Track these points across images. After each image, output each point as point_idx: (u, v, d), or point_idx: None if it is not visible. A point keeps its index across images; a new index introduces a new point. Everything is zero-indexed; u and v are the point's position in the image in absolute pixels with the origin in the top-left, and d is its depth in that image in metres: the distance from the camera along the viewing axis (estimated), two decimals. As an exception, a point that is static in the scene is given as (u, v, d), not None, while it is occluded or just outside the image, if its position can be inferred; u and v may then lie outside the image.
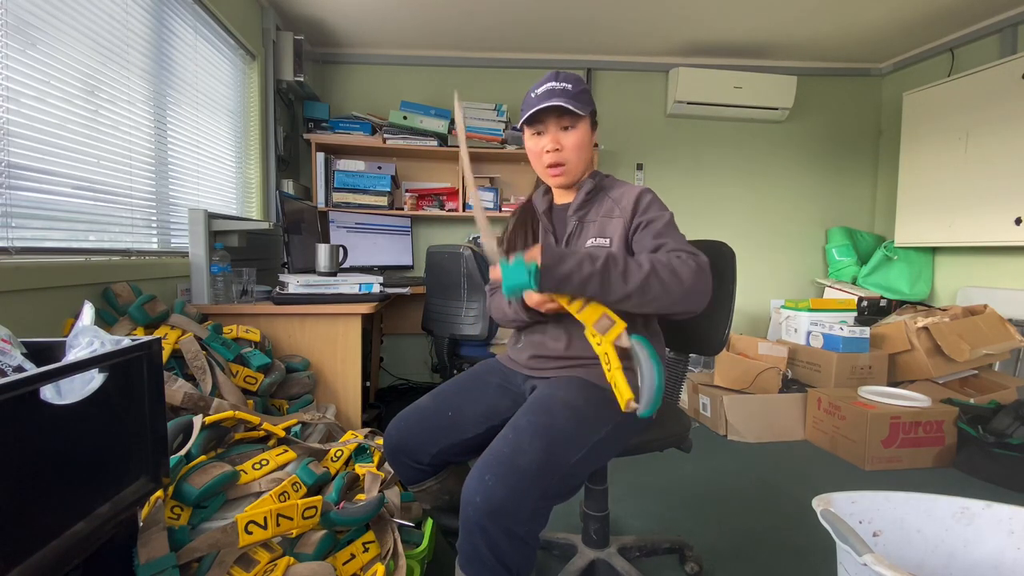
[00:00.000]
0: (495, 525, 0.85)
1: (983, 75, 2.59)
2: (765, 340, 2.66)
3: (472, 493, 0.86)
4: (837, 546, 0.95)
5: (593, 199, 1.12)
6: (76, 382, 0.68)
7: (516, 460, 0.88)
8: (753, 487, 1.92)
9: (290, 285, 1.69)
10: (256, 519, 0.95)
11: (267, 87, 2.58)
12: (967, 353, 2.31)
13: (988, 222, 2.57)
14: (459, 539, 0.89)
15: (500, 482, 0.85)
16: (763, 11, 2.67)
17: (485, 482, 0.86)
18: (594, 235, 1.07)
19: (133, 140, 1.61)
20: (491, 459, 0.89)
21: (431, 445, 1.10)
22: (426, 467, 1.12)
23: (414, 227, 3.22)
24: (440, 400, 1.15)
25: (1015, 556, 1.03)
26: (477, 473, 0.88)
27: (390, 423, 1.15)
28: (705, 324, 1.26)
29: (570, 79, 1.06)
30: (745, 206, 3.45)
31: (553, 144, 1.06)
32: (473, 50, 3.17)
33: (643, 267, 0.90)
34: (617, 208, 1.07)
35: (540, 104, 1.02)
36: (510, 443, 0.90)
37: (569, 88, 1.04)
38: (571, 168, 1.08)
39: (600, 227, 1.07)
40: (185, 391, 1.17)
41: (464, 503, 0.87)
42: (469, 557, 0.89)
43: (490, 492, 0.85)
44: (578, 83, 1.06)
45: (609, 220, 1.07)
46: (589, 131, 1.09)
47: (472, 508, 0.86)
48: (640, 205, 1.05)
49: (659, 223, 1.02)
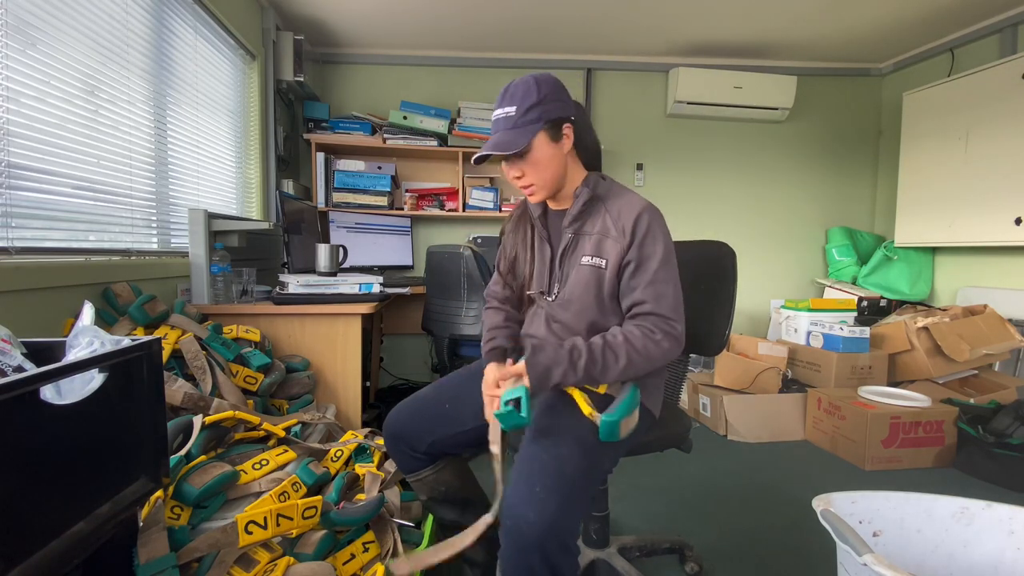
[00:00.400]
0: (553, 541, 0.79)
1: (983, 75, 2.59)
2: (765, 340, 2.66)
3: (522, 508, 0.80)
4: (837, 546, 0.95)
5: (590, 210, 1.07)
6: (76, 382, 0.68)
7: (563, 468, 0.85)
8: (753, 487, 1.92)
9: (290, 285, 1.69)
10: (256, 519, 0.95)
11: (267, 87, 2.58)
12: (967, 353, 2.31)
13: (988, 222, 2.57)
14: (506, 563, 0.83)
15: (552, 493, 0.81)
16: (763, 11, 2.67)
17: (536, 494, 0.81)
18: (590, 252, 1.04)
19: (133, 140, 1.61)
20: (535, 468, 0.85)
21: (428, 434, 1.12)
22: (423, 456, 1.14)
23: (414, 227, 3.22)
24: (440, 391, 1.17)
25: (1015, 556, 1.03)
26: (524, 486, 0.82)
27: (391, 411, 1.17)
28: (705, 325, 1.26)
29: (515, 97, 0.99)
30: (745, 206, 3.45)
31: (516, 172, 1.03)
32: (473, 50, 3.17)
33: (619, 361, 0.96)
34: (615, 228, 1.03)
35: (484, 149, 0.99)
36: (549, 451, 0.87)
37: (513, 114, 0.98)
38: (543, 186, 1.04)
39: (596, 245, 1.04)
40: (185, 391, 1.17)
41: (515, 519, 0.81)
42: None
43: (543, 505, 0.80)
44: (525, 98, 0.98)
45: (605, 239, 1.03)
46: (548, 143, 1.01)
47: (526, 524, 0.79)
48: (638, 232, 1.01)
49: (652, 264, 1.00)
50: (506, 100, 1.00)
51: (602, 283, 1.04)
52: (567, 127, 1.03)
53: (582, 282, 1.04)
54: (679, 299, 1.01)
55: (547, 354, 0.95)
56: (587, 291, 1.04)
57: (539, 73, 1.03)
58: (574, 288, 1.05)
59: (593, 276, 1.04)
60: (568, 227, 1.07)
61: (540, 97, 0.98)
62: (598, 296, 1.04)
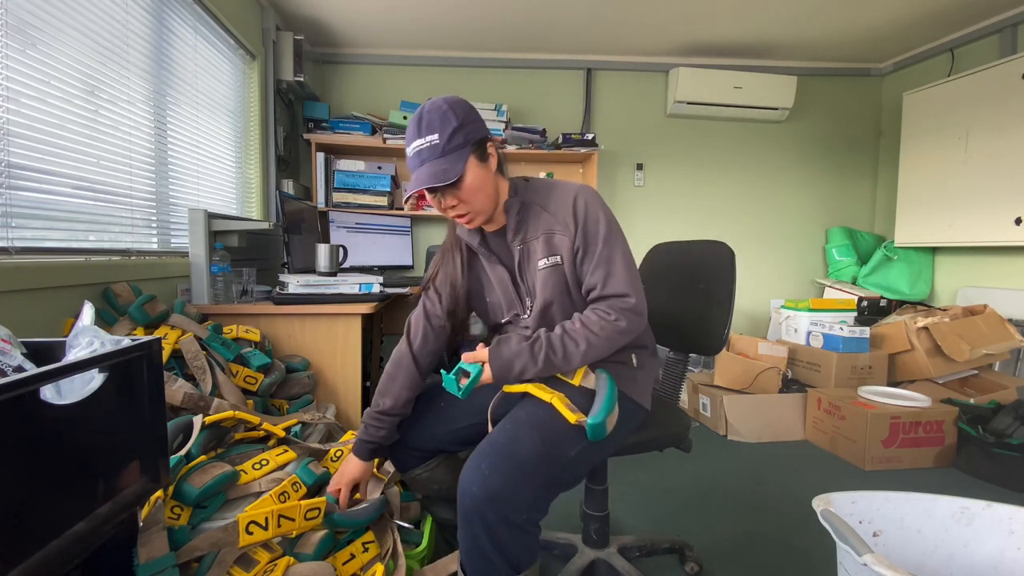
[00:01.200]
0: (493, 512, 0.86)
1: (983, 75, 2.59)
2: (765, 340, 2.66)
3: (468, 483, 0.87)
4: (837, 546, 0.95)
5: (526, 216, 1.05)
6: (76, 382, 0.68)
7: (513, 449, 0.90)
8: (753, 487, 1.92)
9: (290, 285, 1.69)
10: (257, 519, 0.95)
11: (267, 87, 2.58)
12: (967, 353, 2.31)
13: (988, 222, 2.57)
14: (459, 533, 0.91)
15: (497, 471, 0.87)
16: (763, 11, 2.67)
17: (481, 471, 0.87)
18: (543, 255, 1.03)
19: (133, 140, 1.61)
20: (488, 449, 0.91)
21: (423, 430, 1.15)
22: (418, 453, 1.16)
23: (414, 227, 3.22)
24: (434, 389, 1.18)
25: (1015, 556, 1.03)
26: (474, 463, 0.89)
27: None
28: (705, 324, 1.26)
29: (434, 124, 0.93)
30: (745, 206, 3.45)
31: (451, 201, 0.98)
32: (473, 50, 3.17)
33: (580, 346, 0.97)
34: (557, 223, 1.02)
35: (411, 186, 0.95)
36: (508, 434, 0.93)
37: (437, 141, 0.93)
38: (479, 211, 1.00)
39: (546, 245, 1.03)
40: (185, 391, 1.16)
41: (461, 493, 0.88)
42: (469, 549, 0.90)
43: (486, 480, 0.86)
44: (445, 123, 0.93)
45: (552, 236, 1.03)
46: (478, 166, 0.97)
47: (469, 497, 0.86)
48: (578, 217, 1.01)
49: (597, 245, 1.00)
50: (424, 129, 0.94)
51: (565, 279, 1.03)
52: (490, 145, 1.02)
53: (549, 285, 1.03)
54: (631, 271, 1.01)
55: (510, 347, 0.97)
56: (556, 292, 1.04)
57: (446, 96, 0.99)
58: (543, 294, 1.04)
59: (554, 275, 1.03)
60: (514, 240, 1.05)
61: (460, 120, 0.95)
62: (567, 294, 1.04)
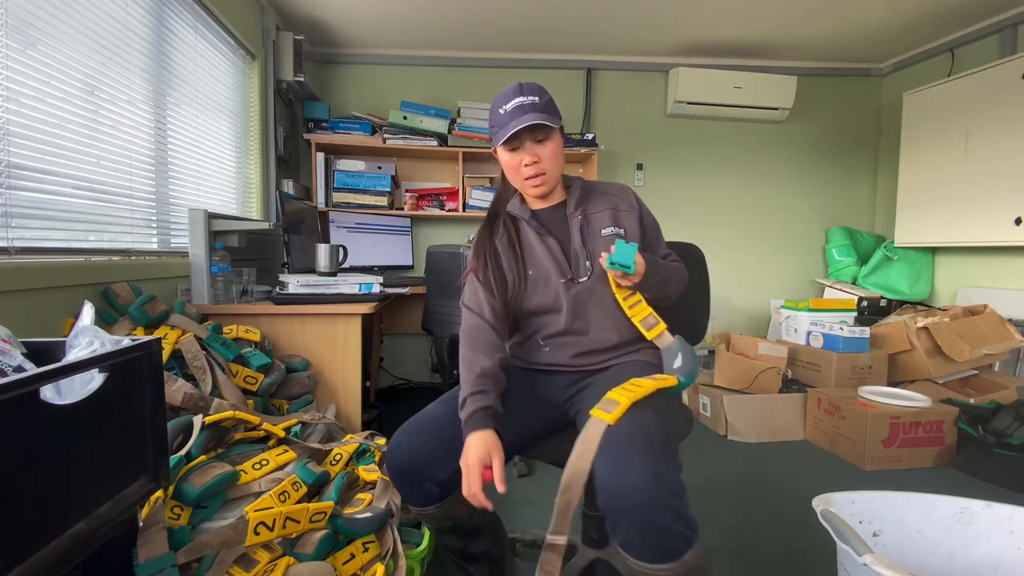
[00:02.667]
0: (671, 497, 0.79)
1: (983, 75, 2.59)
2: (765, 340, 2.66)
3: (632, 478, 0.78)
4: (837, 546, 0.95)
5: (587, 195, 1.18)
6: (76, 382, 0.68)
7: (648, 431, 0.84)
8: (753, 487, 1.92)
9: (290, 285, 1.69)
10: (266, 520, 0.95)
11: (267, 87, 2.58)
12: (967, 353, 2.31)
13: (988, 222, 2.57)
14: (624, 535, 0.81)
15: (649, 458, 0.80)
16: (763, 11, 2.67)
17: (635, 464, 0.79)
18: (608, 224, 1.14)
19: (133, 140, 1.61)
20: (622, 439, 0.82)
21: (452, 459, 0.95)
22: (437, 489, 0.98)
23: (414, 227, 3.22)
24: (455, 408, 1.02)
25: (1015, 556, 1.03)
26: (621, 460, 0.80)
27: (396, 438, 1.00)
28: (687, 316, 1.43)
29: (535, 91, 1.06)
30: (745, 206, 3.45)
31: (532, 158, 1.07)
32: (473, 50, 3.17)
33: (678, 277, 1.16)
34: (621, 202, 1.18)
35: (517, 124, 1.03)
36: (632, 422, 0.85)
37: (537, 101, 1.05)
38: (550, 177, 1.10)
39: (612, 218, 1.15)
40: (185, 391, 1.16)
41: (621, 495, 0.79)
42: (655, 543, 0.79)
43: (650, 470, 0.78)
44: (543, 94, 1.08)
45: (618, 212, 1.16)
46: (561, 141, 1.12)
47: (639, 492, 0.77)
48: (641, 204, 1.20)
49: (655, 226, 1.21)
50: (525, 92, 1.06)
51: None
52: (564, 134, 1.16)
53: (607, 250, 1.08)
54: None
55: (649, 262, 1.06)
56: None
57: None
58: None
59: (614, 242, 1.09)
60: (574, 211, 1.15)
61: (553, 99, 1.10)
62: None
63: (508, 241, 1.15)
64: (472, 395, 0.98)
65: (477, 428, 0.94)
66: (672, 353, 1.04)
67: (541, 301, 1.11)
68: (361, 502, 1.20)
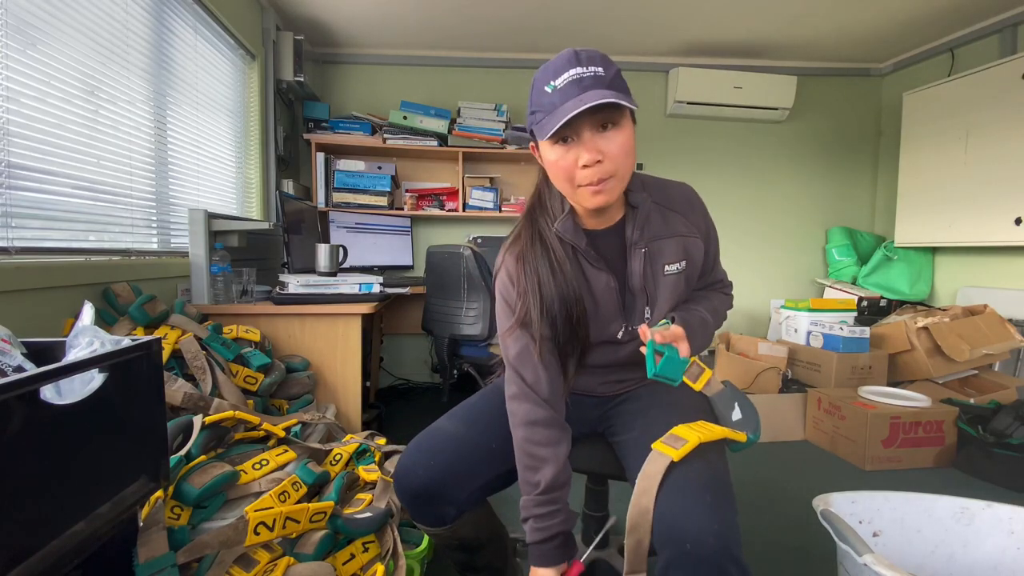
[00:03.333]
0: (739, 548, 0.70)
1: (983, 75, 2.59)
2: (765, 340, 2.66)
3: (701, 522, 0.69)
4: (837, 546, 0.95)
5: (650, 216, 0.89)
6: (76, 382, 0.68)
7: (716, 472, 0.75)
8: (753, 487, 1.92)
9: (290, 285, 1.69)
10: (266, 520, 0.95)
11: (267, 87, 2.58)
12: (967, 353, 2.31)
13: (988, 222, 2.57)
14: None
15: (721, 499, 0.72)
16: (763, 11, 2.67)
17: (709, 504, 0.70)
18: (674, 259, 0.90)
19: (133, 140, 1.61)
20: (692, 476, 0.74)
21: (472, 480, 0.88)
22: (457, 508, 0.90)
23: (414, 227, 3.22)
24: (476, 425, 0.94)
25: (1015, 556, 1.03)
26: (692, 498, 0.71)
27: (411, 457, 0.90)
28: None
29: (596, 59, 0.75)
30: (745, 206, 3.45)
31: (593, 155, 0.75)
32: (473, 50, 3.17)
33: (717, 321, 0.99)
34: (689, 225, 0.92)
35: (576, 105, 0.71)
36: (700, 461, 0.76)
37: (602, 73, 0.74)
38: (619, 182, 0.79)
39: (678, 248, 0.90)
40: (185, 391, 1.16)
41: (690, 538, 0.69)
42: None
43: (722, 513, 0.70)
44: (608, 64, 0.76)
45: (687, 239, 0.91)
46: (633, 131, 0.79)
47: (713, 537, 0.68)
48: (708, 221, 0.96)
49: (716, 246, 1.01)
50: (585, 61, 0.75)
51: (682, 286, 0.93)
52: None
53: (670, 294, 0.91)
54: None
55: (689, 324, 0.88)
56: (676, 301, 0.93)
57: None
58: (668, 303, 0.91)
59: (678, 283, 0.92)
60: (637, 239, 0.87)
61: (619, 71, 0.78)
62: (679, 300, 0.95)
63: (558, 272, 0.87)
64: (535, 520, 0.83)
65: (545, 564, 0.83)
66: (726, 402, 0.90)
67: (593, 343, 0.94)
68: (361, 502, 1.20)
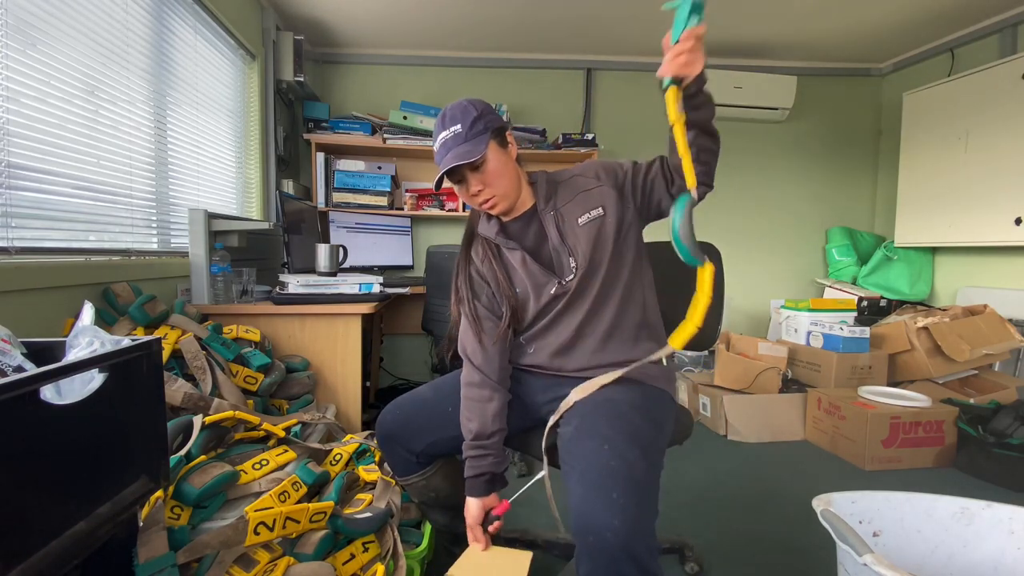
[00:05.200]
0: (642, 546, 0.74)
1: (983, 75, 2.59)
2: (765, 340, 2.66)
3: (603, 517, 0.74)
4: (837, 546, 0.95)
5: (555, 188, 1.10)
6: (76, 382, 0.68)
7: (632, 472, 0.80)
8: (753, 487, 1.92)
9: (290, 285, 1.69)
10: (266, 520, 0.95)
11: (267, 87, 2.58)
12: (967, 353, 2.31)
13: (988, 222, 2.57)
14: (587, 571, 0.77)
15: (630, 498, 0.76)
16: (763, 11, 2.67)
17: (615, 500, 0.75)
18: (581, 212, 1.05)
19: (133, 140, 1.61)
20: (605, 473, 0.79)
21: (427, 435, 1.11)
22: (416, 458, 1.13)
23: (414, 227, 3.22)
24: (441, 393, 1.15)
25: (1015, 556, 1.03)
26: (600, 492, 0.77)
27: (385, 408, 1.15)
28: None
29: (456, 117, 1.00)
30: (745, 206, 3.45)
31: (476, 186, 1.02)
32: (473, 50, 3.17)
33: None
34: (588, 181, 1.08)
35: (443, 166, 0.99)
36: (612, 454, 0.82)
37: (460, 131, 0.99)
38: (503, 196, 1.04)
39: (583, 203, 1.06)
40: (185, 391, 1.16)
41: (592, 532, 0.75)
42: None
43: (626, 512, 0.74)
44: (466, 115, 1.00)
45: (589, 192, 1.07)
46: (499, 150, 1.03)
47: (611, 533, 0.73)
48: (611, 167, 1.08)
49: (634, 164, 1.07)
50: (447, 122, 1.01)
51: (608, 232, 1.04)
52: (508, 134, 1.06)
53: (591, 241, 1.03)
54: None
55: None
56: (601, 242, 1.04)
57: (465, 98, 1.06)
58: (586, 250, 1.03)
59: (595, 229, 1.04)
60: (545, 209, 1.07)
61: (479, 111, 1.01)
62: (612, 242, 1.04)
63: (489, 263, 1.09)
64: (469, 459, 1.05)
65: (473, 495, 1.03)
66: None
67: (533, 313, 1.09)
68: (361, 502, 1.20)
